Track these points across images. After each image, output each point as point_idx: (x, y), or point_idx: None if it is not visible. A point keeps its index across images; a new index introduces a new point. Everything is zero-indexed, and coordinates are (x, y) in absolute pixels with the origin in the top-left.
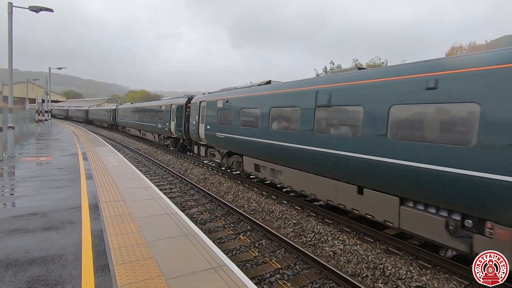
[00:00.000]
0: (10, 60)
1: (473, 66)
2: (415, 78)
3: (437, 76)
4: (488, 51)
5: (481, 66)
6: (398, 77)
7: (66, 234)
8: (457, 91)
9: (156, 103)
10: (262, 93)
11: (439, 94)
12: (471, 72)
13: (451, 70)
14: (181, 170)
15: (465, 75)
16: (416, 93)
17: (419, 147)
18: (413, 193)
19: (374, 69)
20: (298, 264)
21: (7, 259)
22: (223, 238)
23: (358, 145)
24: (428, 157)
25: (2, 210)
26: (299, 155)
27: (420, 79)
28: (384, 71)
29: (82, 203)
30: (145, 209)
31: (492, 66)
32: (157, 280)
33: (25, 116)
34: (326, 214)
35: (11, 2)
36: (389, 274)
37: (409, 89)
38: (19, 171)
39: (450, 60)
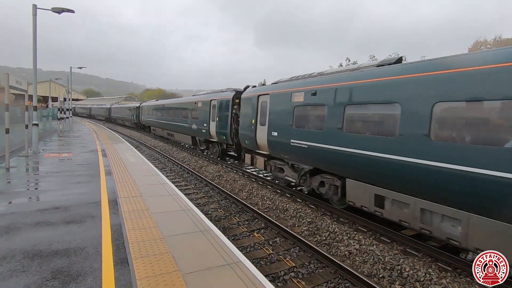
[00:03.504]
0: (35, 61)
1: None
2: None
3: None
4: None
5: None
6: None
7: (87, 227)
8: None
9: (190, 99)
10: (402, 76)
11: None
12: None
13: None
14: (196, 167)
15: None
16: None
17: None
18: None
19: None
20: (312, 263)
21: (33, 250)
22: (237, 235)
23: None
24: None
25: (28, 204)
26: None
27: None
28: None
29: (101, 198)
30: (162, 205)
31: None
32: (173, 275)
33: (48, 114)
34: (341, 213)
35: (35, 4)
36: (406, 275)
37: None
38: (42, 167)
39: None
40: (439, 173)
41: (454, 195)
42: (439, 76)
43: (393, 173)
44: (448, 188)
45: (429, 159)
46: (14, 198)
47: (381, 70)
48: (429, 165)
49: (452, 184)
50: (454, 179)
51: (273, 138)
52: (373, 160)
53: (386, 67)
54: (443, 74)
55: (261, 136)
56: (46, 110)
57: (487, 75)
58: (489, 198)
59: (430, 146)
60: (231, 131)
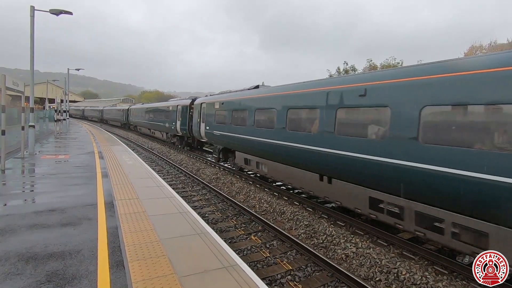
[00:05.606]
0: (32, 62)
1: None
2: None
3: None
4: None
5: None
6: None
7: (83, 230)
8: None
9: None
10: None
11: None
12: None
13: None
14: (193, 170)
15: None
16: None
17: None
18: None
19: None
20: (309, 266)
21: (28, 253)
22: (234, 238)
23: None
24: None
25: (23, 206)
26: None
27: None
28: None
29: (98, 200)
30: (159, 208)
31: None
32: (170, 278)
33: (45, 115)
34: (338, 216)
35: (33, 6)
36: (403, 279)
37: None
38: (39, 169)
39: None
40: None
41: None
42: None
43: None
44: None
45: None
46: (10, 200)
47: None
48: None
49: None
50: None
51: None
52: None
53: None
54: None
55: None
56: (43, 112)
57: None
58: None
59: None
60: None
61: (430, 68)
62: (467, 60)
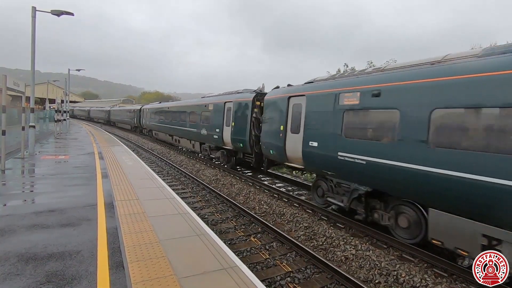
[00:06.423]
0: (33, 62)
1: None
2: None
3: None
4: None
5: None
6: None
7: (82, 231)
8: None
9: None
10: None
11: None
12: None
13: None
14: (193, 171)
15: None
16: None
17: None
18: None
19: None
20: (309, 268)
21: (27, 253)
22: (234, 239)
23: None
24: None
25: (23, 206)
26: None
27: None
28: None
29: (98, 201)
30: (158, 209)
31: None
32: (169, 279)
33: (45, 116)
34: (337, 219)
35: (35, 6)
36: (402, 281)
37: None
38: (38, 169)
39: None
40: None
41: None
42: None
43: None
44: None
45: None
46: (9, 200)
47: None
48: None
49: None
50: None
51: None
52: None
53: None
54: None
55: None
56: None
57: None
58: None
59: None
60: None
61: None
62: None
